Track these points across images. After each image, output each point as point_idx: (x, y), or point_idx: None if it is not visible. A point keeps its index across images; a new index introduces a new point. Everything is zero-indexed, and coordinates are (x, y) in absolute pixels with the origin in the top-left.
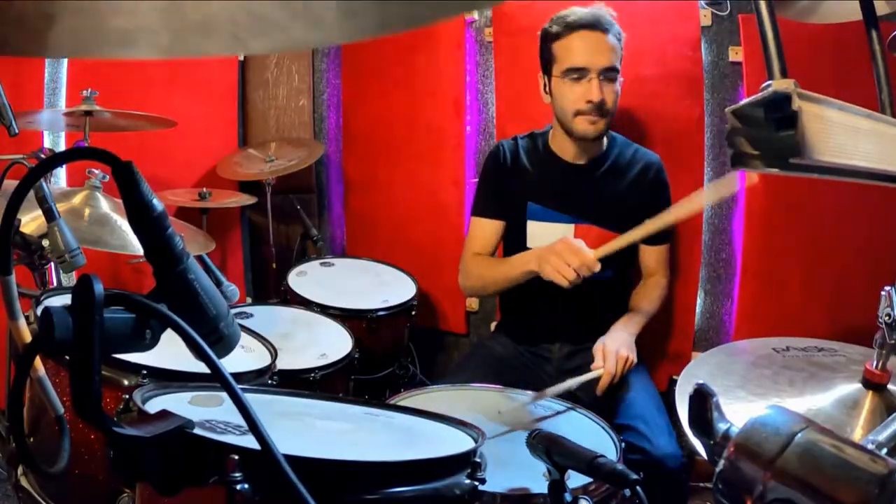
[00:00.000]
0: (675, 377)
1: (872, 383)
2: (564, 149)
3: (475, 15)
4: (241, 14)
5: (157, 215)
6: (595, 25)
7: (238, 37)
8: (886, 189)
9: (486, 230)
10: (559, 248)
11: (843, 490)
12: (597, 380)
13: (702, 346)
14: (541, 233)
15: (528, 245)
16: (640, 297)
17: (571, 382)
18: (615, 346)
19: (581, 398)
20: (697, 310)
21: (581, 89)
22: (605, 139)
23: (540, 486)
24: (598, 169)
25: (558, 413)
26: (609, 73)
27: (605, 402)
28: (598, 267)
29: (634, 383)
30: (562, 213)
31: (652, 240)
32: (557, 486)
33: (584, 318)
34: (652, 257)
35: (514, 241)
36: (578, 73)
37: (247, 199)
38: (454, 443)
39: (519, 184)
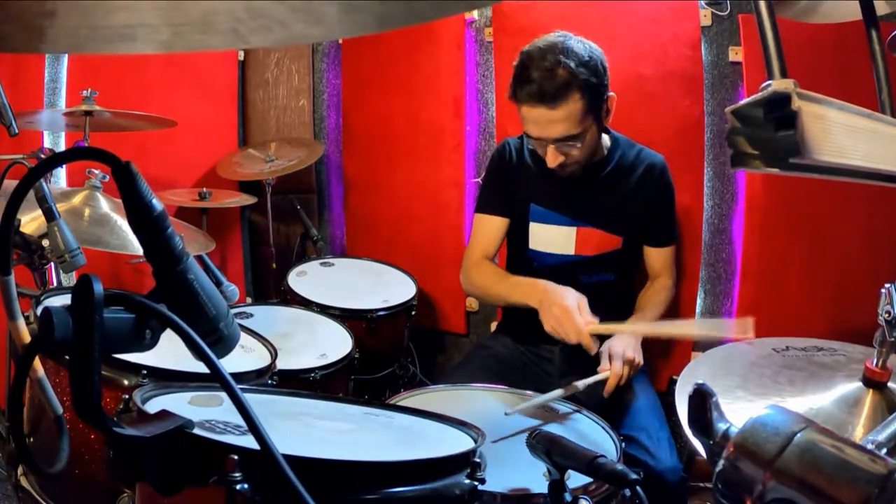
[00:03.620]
0: (674, 377)
1: (873, 382)
2: None
3: (475, 15)
4: (240, 9)
5: (156, 215)
6: (541, 100)
7: (238, 32)
8: (886, 189)
9: (491, 227)
10: (559, 314)
11: (842, 490)
12: (603, 382)
13: (702, 346)
14: (543, 235)
15: (531, 247)
16: (645, 300)
17: (578, 384)
18: (622, 349)
19: (582, 400)
20: (697, 310)
21: (541, 151)
22: (607, 140)
23: (540, 486)
24: (601, 171)
25: (559, 414)
26: (563, 143)
27: (607, 411)
28: (594, 351)
29: (637, 392)
30: (564, 215)
31: (657, 241)
32: (557, 486)
33: None
34: (657, 259)
35: (516, 243)
36: (535, 140)
37: (247, 199)
38: (454, 443)
39: (522, 184)
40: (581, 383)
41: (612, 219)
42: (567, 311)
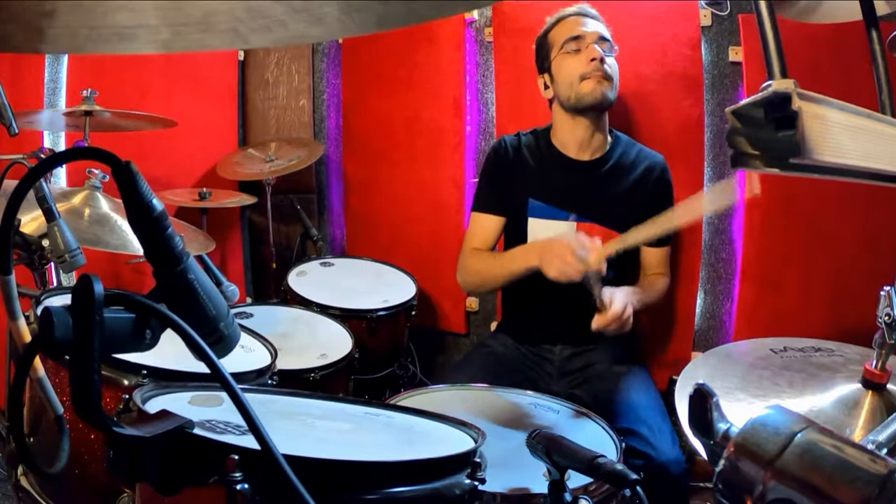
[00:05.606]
0: (674, 377)
1: (872, 383)
2: (567, 145)
3: (475, 15)
4: (240, 9)
5: (156, 215)
6: (581, 13)
7: (238, 32)
8: (886, 189)
9: (487, 226)
10: (559, 250)
11: (843, 490)
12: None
13: (702, 346)
14: (542, 230)
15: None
16: (642, 286)
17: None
18: (627, 300)
19: (582, 398)
20: (697, 310)
21: (582, 55)
22: (608, 137)
23: (540, 486)
24: (601, 167)
25: (558, 414)
26: (604, 42)
27: (608, 406)
28: (603, 269)
29: (638, 388)
30: (563, 209)
31: (653, 242)
32: (557, 486)
33: (585, 319)
34: (654, 258)
35: (514, 238)
36: (576, 41)
37: (247, 199)
38: (454, 443)
39: (520, 179)
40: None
41: (613, 214)
42: (566, 245)
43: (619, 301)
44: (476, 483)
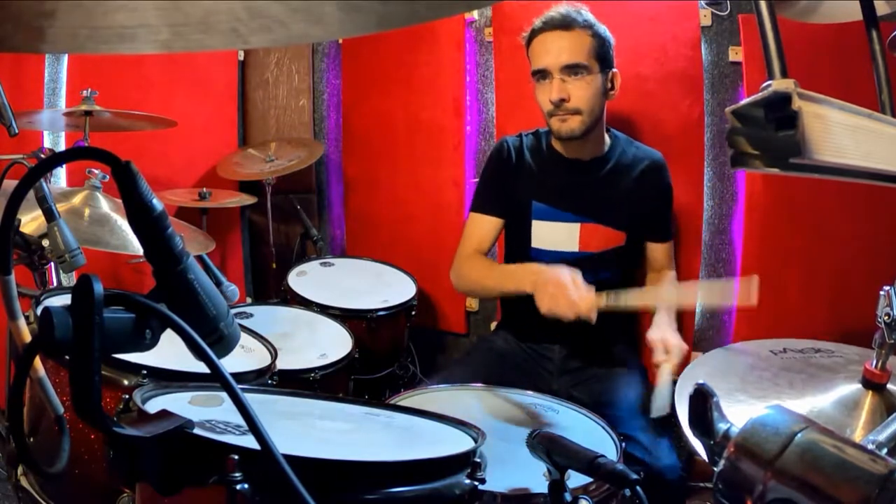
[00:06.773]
0: (674, 378)
1: (872, 383)
2: (566, 147)
3: (475, 15)
4: (240, 9)
5: (156, 215)
6: (556, 25)
7: (238, 32)
8: (886, 189)
9: (485, 227)
10: (554, 291)
11: (843, 490)
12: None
13: (702, 346)
14: (546, 232)
15: (533, 245)
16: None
17: (664, 393)
18: (677, 339)
19: (581, 399)
20: (697, 310)
21: (546, 90)
22: (607, 138)
23: (540, 486)
24: (602, 167)
25: (559, 415)
26: (571, 70)
27: (607, 410)
28: (593, 319)
29: (636, 389)
30: (567, 212)
31: (660, 237)
32: (557, 486)
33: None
34: (662, 253)
35: (518, 241)
36: (541, 74)
37: (247, 199)
38: (454, 443)
39: (523, 182)
40: (664, 389)
41: (616, 214)
42: (562, 286)
43: (675, 350)
44: (476, 483)
